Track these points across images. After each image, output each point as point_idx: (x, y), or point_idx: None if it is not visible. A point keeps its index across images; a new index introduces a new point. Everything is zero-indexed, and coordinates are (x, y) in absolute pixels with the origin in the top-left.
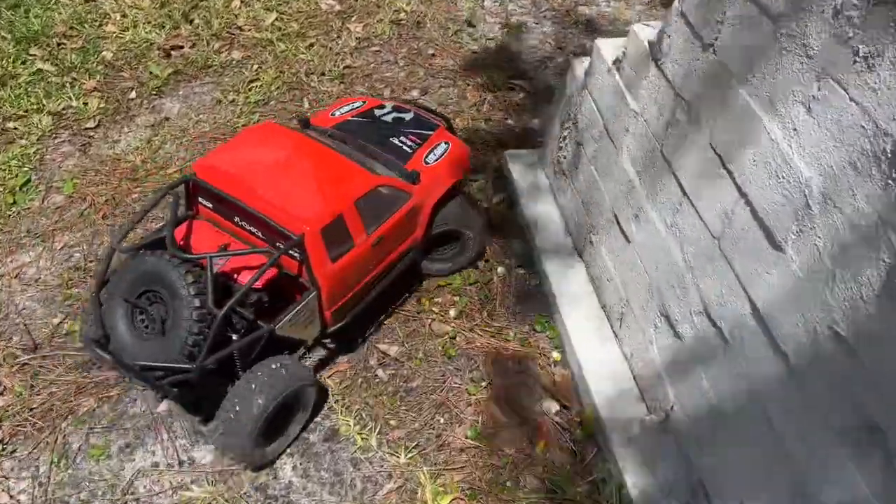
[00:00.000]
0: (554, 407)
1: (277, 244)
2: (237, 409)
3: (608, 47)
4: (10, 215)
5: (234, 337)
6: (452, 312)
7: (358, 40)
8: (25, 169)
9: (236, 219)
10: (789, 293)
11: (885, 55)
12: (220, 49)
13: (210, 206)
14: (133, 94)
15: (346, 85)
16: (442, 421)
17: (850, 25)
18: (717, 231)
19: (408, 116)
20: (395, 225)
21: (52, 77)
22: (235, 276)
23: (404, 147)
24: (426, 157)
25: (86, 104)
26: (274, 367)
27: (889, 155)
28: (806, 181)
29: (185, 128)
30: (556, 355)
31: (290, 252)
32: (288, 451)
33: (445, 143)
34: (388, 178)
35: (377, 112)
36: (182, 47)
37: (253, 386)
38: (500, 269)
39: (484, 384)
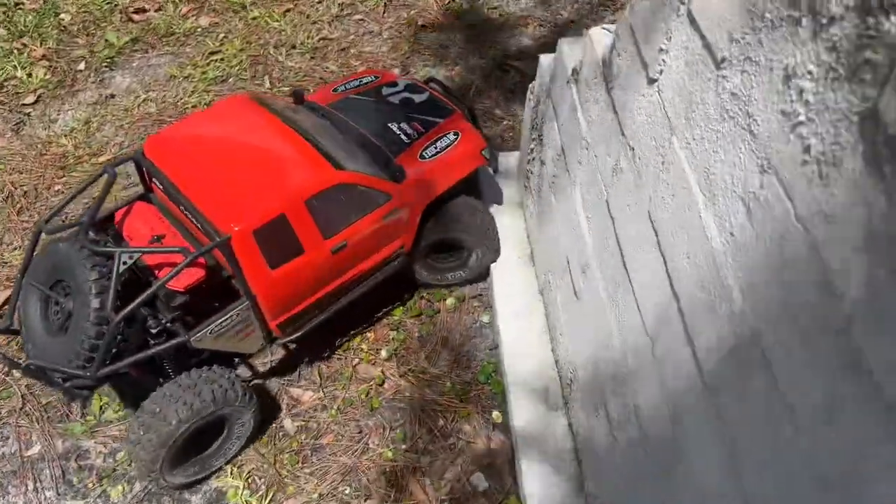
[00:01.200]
0: (482, 484)
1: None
2: (150, 421)
3: (570, 52)
4: None
5: (159, 346)
6: (384, 352)
7: (341, 6)
8: None
9: (181, 207)
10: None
11: (843, 166)
12: (188, 13)
13: (161, 188)
14: (82, 66)
15: (316, 60)
16: (348, 492)
17: (801, 103)
18: (653, 331)
19: (419, 98)
20: (365, 230)
21: (0, 42)
22: (158, 274)
23: (402, 136)
24: (425, 149)
25: (30, 75)
26: (209, 377)
27: (838, 331)
28: (739, 312)
29: (129, 108)
30: (496, 415)
31: (216, 254)
32: None
33: (455, 133)
34: (358, 174)
35: (385, 91)
36: (147, 10)
37: (180, 393)
38: (450, 301)
39: (405, 447)
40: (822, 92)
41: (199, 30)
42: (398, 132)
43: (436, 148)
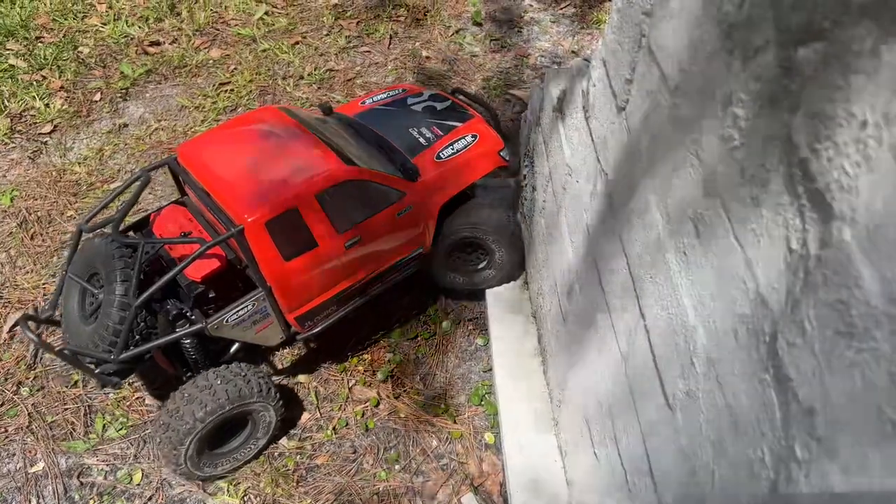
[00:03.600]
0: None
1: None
2: (174, 417)
3: (557, 84)
4: None
5: (177, 332)
6: (380, 374)
7: (348, 39)
8: None
9: (206, 205)
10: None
11: (770, 187)
12: (201, 46)
13: (193, 191)
14: (98, 97)
15: (323, 90)
16: None
17: (736, 129)
18: (626, 351)
19: (441, 106)
20: (379, 226)
21: (21, 74)
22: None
23: (420, 139)
24: (442, 150)
25: (47, 105)
26: (225, 377)
27: (766, 337)
28: (692, 332)
29: (141, 136)
30: (489, 437)
31: (234, 246)
32: None
33: (473, 135)
34: (368, 171)
35: (410, 101)
36: (161, 43)
37: (196, 394)
38: (445, 324)
39: (398, 467)
40: (752, 118)
41: (210, 62)
42: (417, 136)
43: (452, 149)
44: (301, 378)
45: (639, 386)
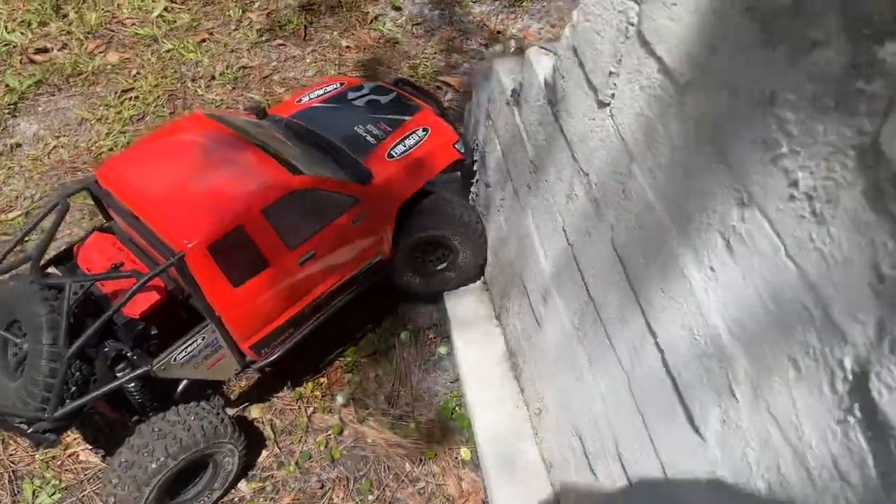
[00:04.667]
0: None
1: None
2: (141, 453)
3: (508, 72)
4: None
5: (120, 378)
6: (340, 398)
7: (259, 32)
8: None
9: (137, 230)
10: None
11: (840, 205)
12: (95, 51)
13: (119, 216)
14: None
15: (238, 90)
16: None
17: (783, 134)
18: (628, 366)
19: (386, 99)
20: (334, 237)
21: None
22: (116, 301)
23: (367, 137)
24: (393, 148)
25: None
26: (198, 413)
27: (849, 377)
28: (729, 360)
29: (38, 157)
30: (465, 453)
31: (171, 273)
32: None
33: (424, 129)
34: (317, 178)
35: (351, 95)
36: (49, 50)
37: (168, 428)
38: (403, 335)
39: (372, 498)
40: (807, 122)
41: (108, 67)
42: (364, 134)
43: (404, 146)
44: (254, 411)
45: (650, 406)
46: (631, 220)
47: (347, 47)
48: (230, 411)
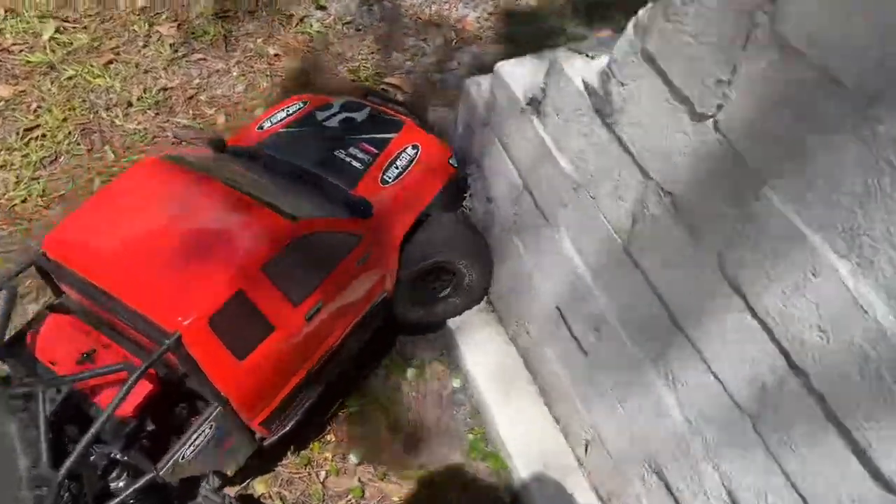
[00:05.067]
0: None
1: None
2: None
3: (516, 76)
4: None
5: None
6: (353, 456)
7: (174, 47)
8: None
9: (107, 308)
10: None
11: None
12: None
13: (76, 291)
14: None
15: (163, 116)
16: None
17: None
18: (747, 405)
19: (361, 116)
20: (340, 283)
21: None
22: (99, 399)
23: (353, 163)
24: (385, 173)
25: None
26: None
27: None
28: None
29: None
30: (506, 496)
31: (167, 359)
32: None
33: (413, 146)
34: (317, 220)
35: (320, 115)
36: None
37: None
38: (409, 372)
39: None
40: None
41: (1, 104)
42: (348, 159)
43: (397, 168)
44: (258, 487)
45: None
46: (757, 244)
47: (276, 55)
48: (230, 491)
